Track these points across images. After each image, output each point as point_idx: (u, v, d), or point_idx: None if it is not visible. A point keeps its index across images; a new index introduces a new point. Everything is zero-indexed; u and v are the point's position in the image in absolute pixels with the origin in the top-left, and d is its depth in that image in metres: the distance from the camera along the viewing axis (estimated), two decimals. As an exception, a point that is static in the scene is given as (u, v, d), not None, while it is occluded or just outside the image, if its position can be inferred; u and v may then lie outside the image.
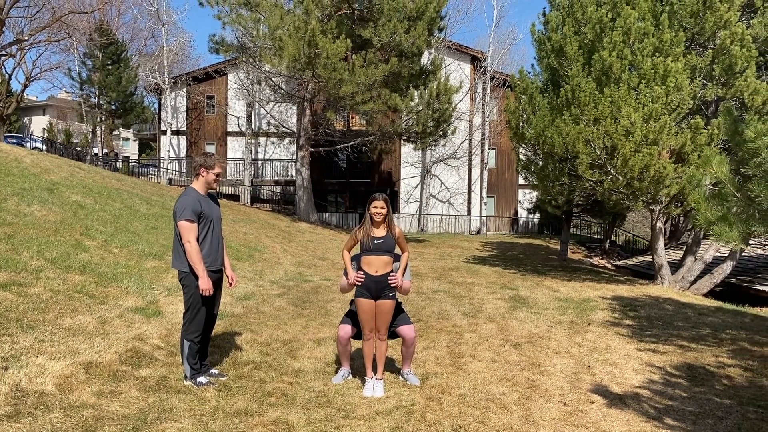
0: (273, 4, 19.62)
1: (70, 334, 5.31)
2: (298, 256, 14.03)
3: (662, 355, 6.56)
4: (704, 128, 11.26)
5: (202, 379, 4.79)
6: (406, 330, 5.15)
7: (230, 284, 5.13)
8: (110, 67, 31.43)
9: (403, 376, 5.32)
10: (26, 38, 29.46)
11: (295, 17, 18.79)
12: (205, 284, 4.65)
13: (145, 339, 5.67)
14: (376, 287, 4.89)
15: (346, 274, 5.08)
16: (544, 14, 15.01)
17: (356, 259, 5.06)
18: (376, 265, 4.88)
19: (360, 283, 4.90)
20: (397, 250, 5.06)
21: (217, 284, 4.96)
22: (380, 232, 4.91)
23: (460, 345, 6.64)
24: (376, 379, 4.96)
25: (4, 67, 34.44)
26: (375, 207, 4.86)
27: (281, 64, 19.38)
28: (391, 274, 4.91)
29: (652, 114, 10.93)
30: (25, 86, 34.54)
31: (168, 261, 9.02)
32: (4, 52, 28.98)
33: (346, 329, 5.15)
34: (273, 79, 24.00)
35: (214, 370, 5.09)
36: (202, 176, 4.87)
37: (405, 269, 5.08)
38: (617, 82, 11.31)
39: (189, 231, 4.65)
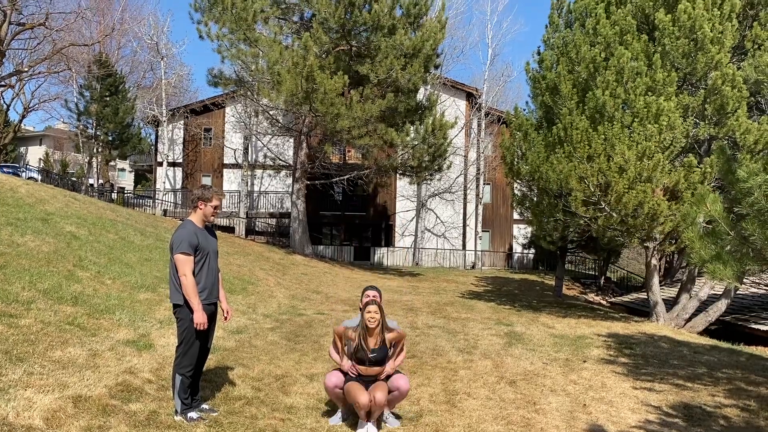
0: (272, 40, 19.88)
1: (59, 366, 5.23)
2: (292, 290, 13.95)
3: (658, 394, 6.50)
4: (697, 166, 11.37)
5: (192, 414, 4.72)
6: (401, 382, 4.94)
7: (225, 318, 5.09)
8: (108, 99, 31.63)
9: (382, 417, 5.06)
10: (26, 69, 29.74)
11: (294, 53, 19.04)
12: (200, 318, 4.61)
13: (135, 372, 5.59)
14: (367, 381, 4.89)
15: (335, 344, 5.09)
16: (538, 53, 15.24)
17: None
18: (371, 372, 4.91)
19: (353, 376, 4.91)
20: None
21: (212, 318, 4.92)
22: (373, 341, 4.87)
23: (454, 382, 6.57)
24: (373, 423, 4.81)
25: (3, 98, 34.67)
26: (369, 312, 4.82)
27: (279, 99, 19.57)
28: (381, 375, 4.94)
29: (645, 152, 11.03)
30: (23, 116, 34.75)
31: (160, 293, 8.95)
32: (3, 83, 29.20)
33: (332, 379, 4.94)
34: (270, 112, 24.22)
35: (205, 405, 5.01)
36: (200, 209, 4.86)
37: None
38: (611, 120, 11.45)
39: (185, 264, 4.63)
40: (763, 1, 12.08)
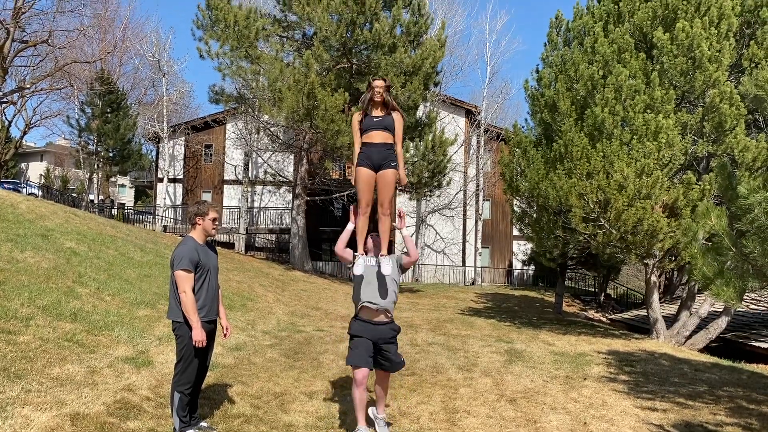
0: (273, 58, 20.03)
1: (57, 383, 5.21)
2: (291, 306, 13.92)
3: (660, 413, 6.46)
4: (696, 183, 11.40)
5: None
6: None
7: (225, 335, 5.08)
8: (109, 115, 31.75)
9: (375, 419, 5.09)
10: (28, 86, 29.89)
11: (295, 70, 19.18)
12: (198, 335, 4.60)
13: (134, 390, 5.57)
14: (378, 156, 4.90)
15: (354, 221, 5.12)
16: (537, 71, 15.35)
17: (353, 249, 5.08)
18: (377, 138, 4.94)
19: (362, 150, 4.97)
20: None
21: (211, 335, 4.90)
22: (379, 113, 5.00)
23: (454, 400, 6.53)
24: (382, 255, 4.91)
25: (5, 114, 34.83)
26: (376, 87, 4.96)
27: (280, 115, 19.68)
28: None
29: (644, 169, 11.07)
30: (25, 133, 34.90)
31: (159, 309, 8.93)
32: (5, 100, 29.34)
33: (364, 371, 4.81)
34: (271, 129, 24.31)
35: (203, 423, 4.98)
36: (199, 224, 4.88)
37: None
38: (610, 138, 11.50)
39: (185, 281, 4.63)
40: (759, 21, 12.18)
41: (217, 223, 4.98)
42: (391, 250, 5.15)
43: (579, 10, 14.47)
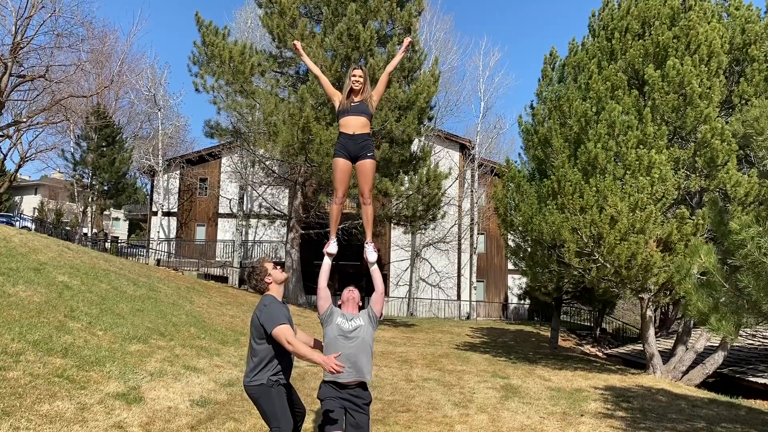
0: (268, 92, 20.24)
1: (47, 420, 5.12)
2: (286, 341, 13.77)
3: (658, 450, 6.38)
4: (689, 218, 11.46)
5: None
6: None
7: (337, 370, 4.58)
8: (104, 149, 31.81)
9: None
10: (24, 120, 30.00)
11: (290, 105, 19.35)
12: (329, 363, 4.02)
13: (124, 427, 5.47)
14: (354, 147, 4.90)
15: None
16: (531, 107, 15.54)
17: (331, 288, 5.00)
18: (353, 126, 4.93)
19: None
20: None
21: (288, 389, 4.51)
22: (357, 99, 5.06)
23: (450, 437, 6.44)
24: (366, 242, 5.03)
25: (0, 148, 34.91)
26: (354, 76, 5.03)
27: (275, 149, 19.78)
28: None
29: (638, 203, 11.14)
30: (19, 166, 34.88)
31: (152, 344, 8.83)
32: (1, 133, 29.43)
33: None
34: (266, 162, 24.42)
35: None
36: (269, 282, 4.50)
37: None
38: (603, 173, 11.60)
39: (286, 333, 4.17)
40: (748, 58, 12.43)
41: (279, 267, 4.61)
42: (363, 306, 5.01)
43: (574, 46, 14.76)
